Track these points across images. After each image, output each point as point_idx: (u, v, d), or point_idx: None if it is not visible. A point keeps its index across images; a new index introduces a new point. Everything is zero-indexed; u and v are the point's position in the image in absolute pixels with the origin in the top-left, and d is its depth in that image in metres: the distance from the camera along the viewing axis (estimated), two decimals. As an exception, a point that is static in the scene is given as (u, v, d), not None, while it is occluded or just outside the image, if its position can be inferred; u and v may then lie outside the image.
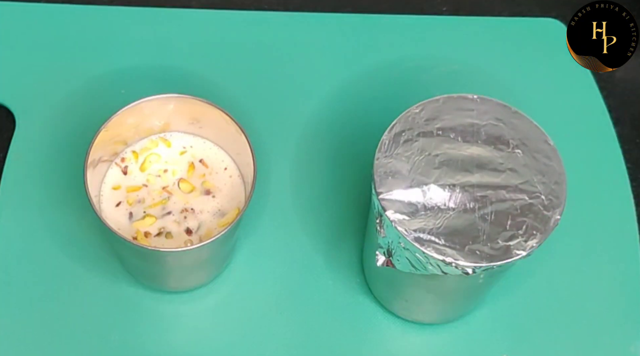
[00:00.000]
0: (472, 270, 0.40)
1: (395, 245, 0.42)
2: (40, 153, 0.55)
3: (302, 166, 0.56)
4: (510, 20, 0.63)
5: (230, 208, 0.48)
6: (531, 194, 0.42)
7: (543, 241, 0.41)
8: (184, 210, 0.48)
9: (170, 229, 0.47)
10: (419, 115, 0.44)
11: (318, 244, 0.53)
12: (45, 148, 0.55)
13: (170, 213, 0.47)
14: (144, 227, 0.47)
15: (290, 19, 0.62)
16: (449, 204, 0.41)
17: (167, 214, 0.47)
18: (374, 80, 0.60)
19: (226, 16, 0.62)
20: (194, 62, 0.60)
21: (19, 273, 0.51)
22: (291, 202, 0.54)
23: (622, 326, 0.51)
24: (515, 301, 0.52)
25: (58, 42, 0.59)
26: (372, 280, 0.51)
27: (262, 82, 0.59)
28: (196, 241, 0.47)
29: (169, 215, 0.47)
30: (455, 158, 0.43)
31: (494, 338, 0.51)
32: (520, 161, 0.43)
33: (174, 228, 0.47)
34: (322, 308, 0.51)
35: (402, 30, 0.62)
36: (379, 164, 0.42)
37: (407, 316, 0.51)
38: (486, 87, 0.58)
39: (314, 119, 0.58)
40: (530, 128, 0.44)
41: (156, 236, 0.46)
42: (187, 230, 0.47)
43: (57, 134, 0.55)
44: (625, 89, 0.61)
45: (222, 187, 0.49)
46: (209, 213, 0.48)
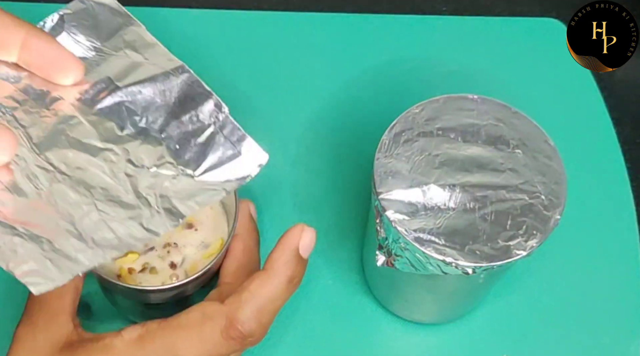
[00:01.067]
0: (472, 270, 0.40)
1: (395, 245, 0.42)
2: (40, 153, 0.55)
3: (302, 166, 0.56)
4: (510, 20, 0.63)
5: (213, 239, 0.47)
6: (531, 194, 0.42)
7: (543, 241, 0.41)
8: (167, 245, 0.47)
9: (154, 265, 0.46)
10: (419, 115, 0.44)
11: (318, 244, 0.53)
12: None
13: (154, 248, 0.47)
14: (127, 263, 0.46)
15: (290, 19, 0.62)
16: (449, 204, 0.41)
17: (150, 249, 0.47)
18: (374, 80, 0.60)
19: (226, 16, 0.62)
20: (194, 62, 0.60)
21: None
22: (291, 202, 0.54)
23: (622, 326, 0.52)
24: (515, 301, 0.52)
25: (58, 42, 0.59)
26: (372, 280, 0.51)
27: (262, 82, 0.59)
28: (182, 274, 0.46)
29: (152, 251, 0.47)
30: (455, 158, 0.43)
31: (494, 338, 0.51)
32: (521, 161, 0.43)
33: (158, 263, 0.46)
34: (322, 308, 0.51)
35: (402, 30, 0.62)
36: (379, 164, 0.42)
37: (407, 316, 0.51)
38: (486, 87, 0.57)
39: (314, 119, 0.58)
40: (530, 128, 0.44)
41: (140, 272, 0.46)
42: (172, 264, 0.46)
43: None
44: (625, 89, 0.61)
45: (204, 220, 0.48)
46: (193, 246, 0.47)
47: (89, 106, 0.40)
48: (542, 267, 0.53)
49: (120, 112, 0.40)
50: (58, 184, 0.38)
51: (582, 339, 0.51)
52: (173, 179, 0.39)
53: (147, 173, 0.39)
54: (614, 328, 0.51)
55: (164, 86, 0.42)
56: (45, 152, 0.39)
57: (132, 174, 0.39)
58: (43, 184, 0.38)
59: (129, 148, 0.39)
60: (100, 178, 0.38)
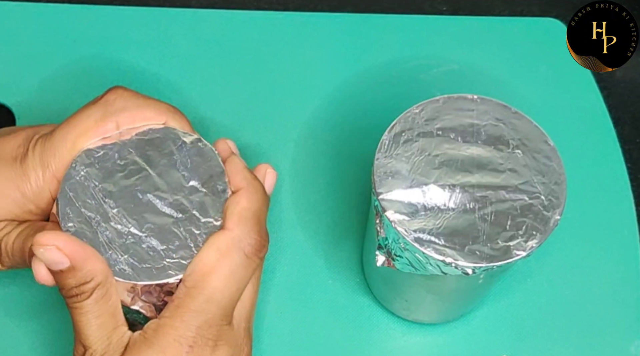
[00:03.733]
0: (472, 270, 0.40)
1: (395, 245, 0.42)
2: (40, 153, 0.55)
3: (302, 166, 0.56)
4: (510, 20, 0.63)
5: None
6: (531, 194, 0.42)
7: (543, 241, 0.41)
8: None
9: None
10: (419, 115, 0.44)
11: (318, 244, 0.53)
12: (45, 148, 0.55)
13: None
14: None
15: (290, 19, 0.62)
16: (449, 204, 0.41)
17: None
18: (374, 80, 0.60)
19: (226, 16, 0.62)
20: (194, 62, 0.60)
21: (18, 272, 0.51)
22: (291, 202, 0.54)
23: (622, 326, 0.51)
24: (515, 301, 0.52)
25: (58, 42, 0.59)
26: (372, 280, 0.51)
27: (262, 81, 0.59)
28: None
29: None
30: (455, 158, 0.43)
31: (494, 338, 0.51)
32: (520, 161, 0.43)
33: None
34: (322, 308, 0.51)
35: (402, 30, 0.62)
36: (379, 164, 0.42)
37: (407, 316, 0.51)
38: (486, 87, 0.58)
39: (314, 119, 0.58)
40: (530, 128, 0.44)
41: None
42: None
43: (57, 134, 0.55)
44: (625, 89, 0.61)
45: None
46: None
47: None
48: (542, 267, 0.53)
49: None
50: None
51: (582, 339, 0.51)
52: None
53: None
54: (614, 328, 0.51)
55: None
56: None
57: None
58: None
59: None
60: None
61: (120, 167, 0.42)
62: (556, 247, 0.52)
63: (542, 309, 0.52)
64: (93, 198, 0.41)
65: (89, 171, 0.42)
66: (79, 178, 0.42)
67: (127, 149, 0.42)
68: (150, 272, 0.40)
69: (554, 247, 0.52)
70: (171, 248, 0.40)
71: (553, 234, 0.41)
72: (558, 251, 0.53)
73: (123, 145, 0.43)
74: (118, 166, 0.42)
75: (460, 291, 0.47)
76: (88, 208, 0.41)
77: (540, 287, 0.53)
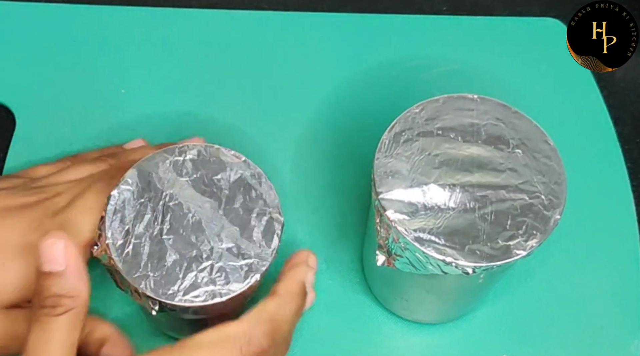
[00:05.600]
0: (472, 270, 0.40)
1: (395, 245, 0.42)
2: (40, 153, 0.55)
3: (302, 166, 0.56)
4: (510, 20, 0.63)
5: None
6: (531, 194, 0.42)
7: (543, 241, 0.41)
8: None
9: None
10: (419, 115, 0.44)
11: (318, 244, 0.53)
12: (45, 148, 0.55)
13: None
14: None
15: (290, 19, 0.62)
16: (449, 204, 0.41)
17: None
18: (374, 80, 0.60)
19: (226, 16, 0.62)
20: (194, 61, 0.60)
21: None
22: (291, 202, 0.54)
23: (622, 326, 0.51)
24: (515, 301, 0.52)
25: (58, 42, 0.59)
26: (372, 280, 0.51)
27: (262, 82, 0.59)
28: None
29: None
30: (455, 158, 0.43)
31: (494, 338, 0.51)
32: (520, 161, 0.43)
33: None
34: (322, 308, 0.51)
35: (402, 30, 0.62)
36: (379, 164, 0.42)
37: (407, 316, 0.51)
38: (486, 87, 0.58)
39: (314, 119, 0.58)
40: (530, 128, 0.44)
41: None
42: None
43: (57, 134, 0.55)
44: (625, 89, 0.61)
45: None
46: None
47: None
48: (542, 267, 0.53)
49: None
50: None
51: (582, 339, 0.51)
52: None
53: None
54: (614, 328, 0.51)
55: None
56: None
57: None
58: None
59: None
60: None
61: None
62: (556, 247, 0.52)
63: (542, 309, 0.52)
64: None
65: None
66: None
67: None
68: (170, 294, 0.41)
69: (554, 247, 0.52)
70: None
71: (553, 234, 0.41)
72: (558, 251, 0.53)
73: None
74: None
75: (460, 291, 0.47)
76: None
77: (540, 287, 0.53)
